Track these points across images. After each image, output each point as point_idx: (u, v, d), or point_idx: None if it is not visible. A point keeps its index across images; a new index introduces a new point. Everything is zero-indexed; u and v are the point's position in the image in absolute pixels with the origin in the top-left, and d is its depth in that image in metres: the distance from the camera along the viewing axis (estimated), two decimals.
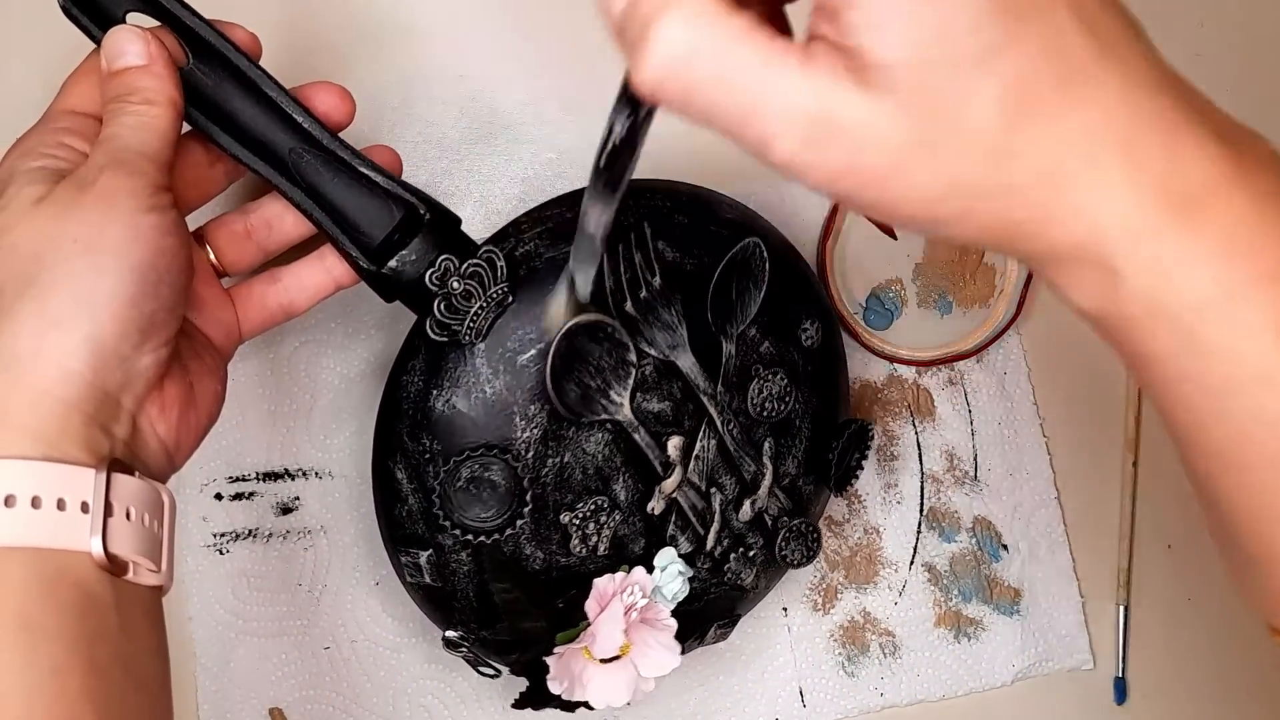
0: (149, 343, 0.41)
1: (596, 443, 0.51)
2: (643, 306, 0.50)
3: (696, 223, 0.52)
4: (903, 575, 0.61)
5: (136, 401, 0.42)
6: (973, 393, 0.62)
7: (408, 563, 0.51)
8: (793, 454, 0.54)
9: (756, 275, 0.52)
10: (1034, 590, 0.62)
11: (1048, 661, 0.61)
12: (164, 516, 0.42)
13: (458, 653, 0.52)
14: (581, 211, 0.41)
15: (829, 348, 0.55)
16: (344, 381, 0.59)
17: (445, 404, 0.49)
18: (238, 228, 0.50)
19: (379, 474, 0.51)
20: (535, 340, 0.49)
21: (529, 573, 0.51)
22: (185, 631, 0.58)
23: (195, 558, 0.58)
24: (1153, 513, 0.63)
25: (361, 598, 0.59)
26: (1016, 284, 0.62)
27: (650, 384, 0.51)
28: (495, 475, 0.49)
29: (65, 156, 0.43)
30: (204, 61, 0.46)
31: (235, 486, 0.59)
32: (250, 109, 0.47)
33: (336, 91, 0.48)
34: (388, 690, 0.59)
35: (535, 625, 0.51)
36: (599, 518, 0.51)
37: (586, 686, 0.51)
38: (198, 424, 0.46)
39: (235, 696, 0.58)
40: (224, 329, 0.49)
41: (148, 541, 0.41)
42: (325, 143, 0.47)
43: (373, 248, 0.48)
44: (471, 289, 0.48)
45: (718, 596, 0.55)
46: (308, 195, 0.47)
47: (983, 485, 0.62)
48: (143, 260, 0.41)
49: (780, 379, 0.53)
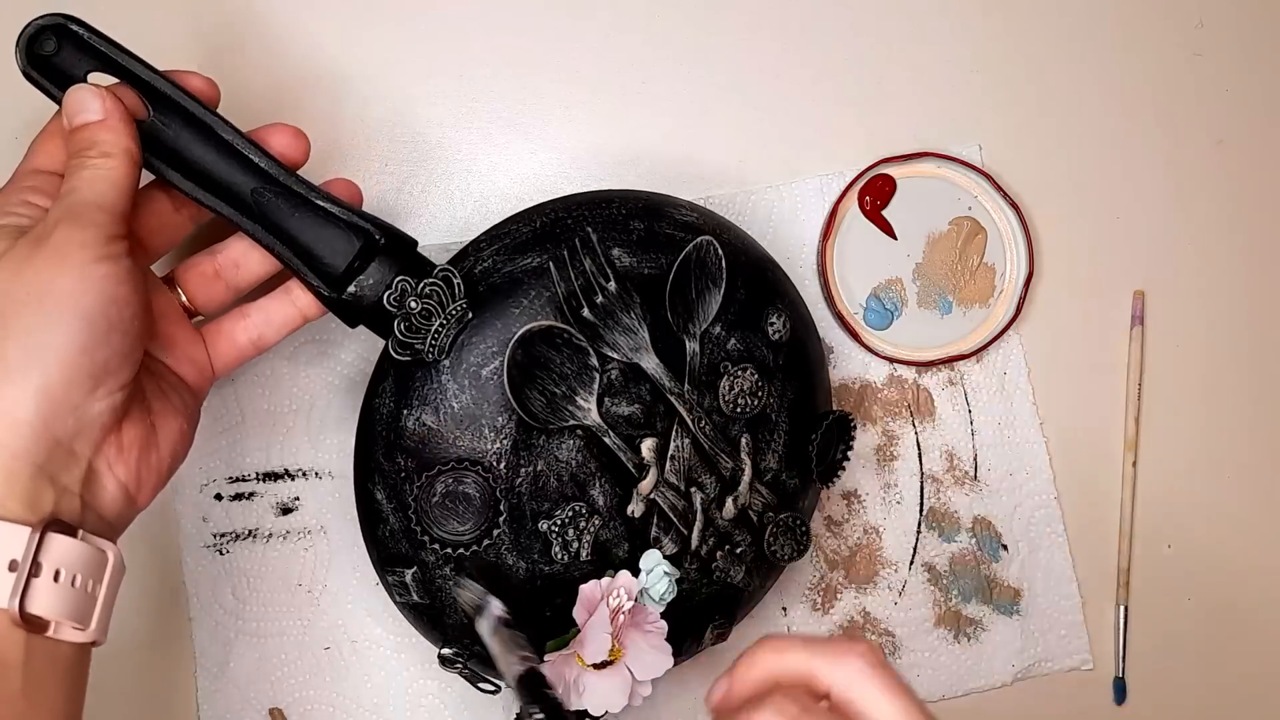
0: (101, 388, 0.43)
1: (569, 449, 0.51)
2: (600, 311, 0.51)
3: (651, 227, 0.53)
4: (902, 575, 0.61)
5: (92, 446, 0.43)
6: (973, 393, 0.62)
7: (395, 582, 0.52)
8: (772, 448, 0.54)
9: (714, 273, 0.53)
10: (1034, 590, 0.62)
11: (1047, 662, 0.61)
12: (104, 576, 0.43)
13: (454, 669, 0.52)
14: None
15: (799, 341, 0.56)
16: (344, 381, 0.59)
17: (416, 422, 0.50)
18: (206, 269, 0.51)
19: (360, 496, 0.52)
20: (497, 353, 0.50)
21: (514, 583, 0.51)
22: (185, 633, 0.58)
23: (195, 558, 0.58)
24: (1153, 513, 0.63)
25: (362, 598, 0.59)
26: (1016, 284, 0.62)
27: (618, 388, 0.51)
28: (469, 488, 0.50)
29: (28, 214, 0.45)
30: (164, 113, 0.48)
31: (235, 487, 0.59)
32: (210, 155, 0.49)
33: (290, 131, 0.50)
34: (388, 691, 0.59)
35: None
36: (578, 523, 0.51)
37: (582, 693, 0.51)
38: (159, 464, 0.47)
39: (235, 697, 0.58)
40: (196, 368, 0.50)
41: (75, 602, 0.42)
42: (283, 180, 0.49)
43: (336, 276, 0.50)
44: (430, 308, 0.50)
45: (710, 596, 0.55)
46: (270, 232, 0.49)
47: (982, 485, 0.62)
48: (93, 309, 0.42)
49: (750, 374, 0.53)
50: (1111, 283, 0.64)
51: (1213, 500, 0.64)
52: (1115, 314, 0.64)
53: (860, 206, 0.62)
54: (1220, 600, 0.63)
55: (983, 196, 0.62)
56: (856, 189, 0.62)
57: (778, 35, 0.63)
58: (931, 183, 0.62)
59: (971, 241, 0.62)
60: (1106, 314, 0.64)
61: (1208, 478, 0.64)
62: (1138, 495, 0.63)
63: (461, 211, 0.61)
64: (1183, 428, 0.64)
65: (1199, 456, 0.64)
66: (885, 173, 0.62)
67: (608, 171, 0.61)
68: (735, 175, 0.62)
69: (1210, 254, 0.65)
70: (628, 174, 0.61)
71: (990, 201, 0.62)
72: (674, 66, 0.62)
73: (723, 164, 0.62)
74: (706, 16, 0.63)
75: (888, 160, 0.62)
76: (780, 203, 0.62)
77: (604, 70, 0.62)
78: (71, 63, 0.47)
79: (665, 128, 0.62)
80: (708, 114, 0.62)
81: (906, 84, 0.63)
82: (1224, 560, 0.63)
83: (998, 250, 0.62)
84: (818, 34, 0.63)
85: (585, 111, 0.62)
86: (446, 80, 0.61)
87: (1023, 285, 0.61)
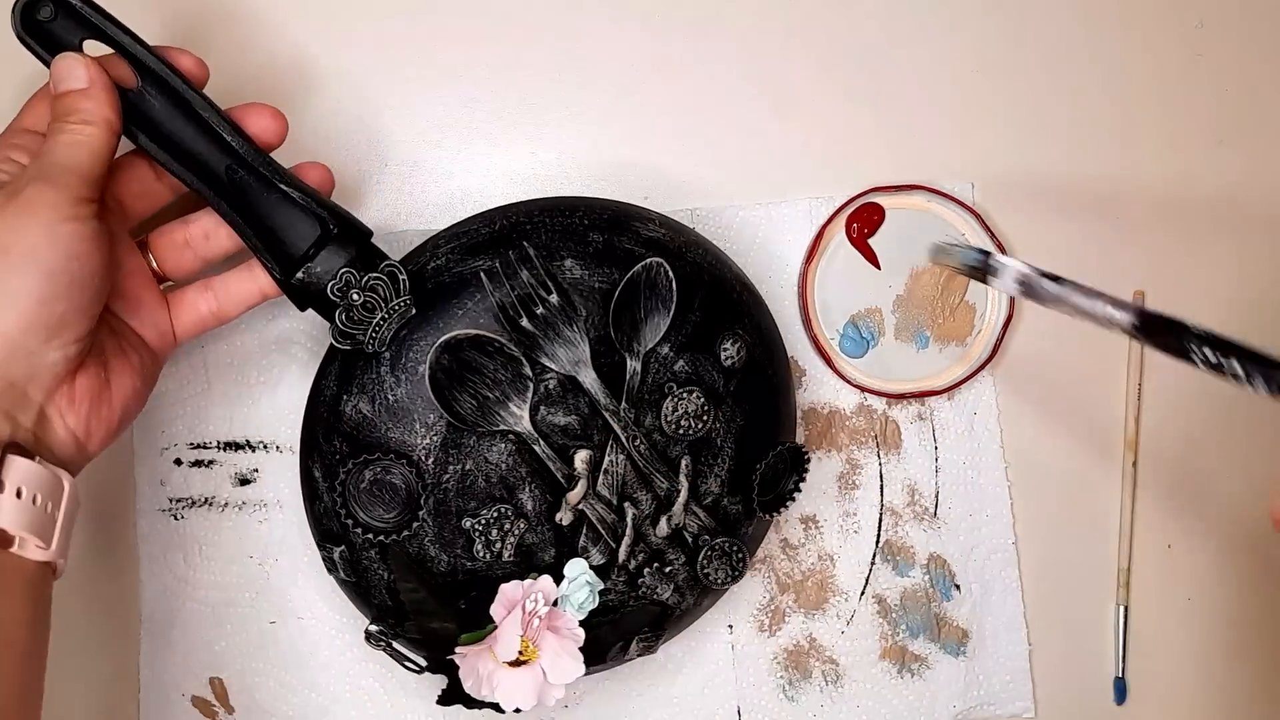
0: (57, 339, 0.45)
1: (499, 453, 0.52)
2: (540, 322, 0.51)
3: (611, 241, 0.53)
4: (852, 604, 0.61)
5: (44, 393, 0.46)
6: (941, 430, 0.62)
7: (326, 557, 0.53)
8: (715, 472, 0.54)
9: (664, 295, 0.53)
10: (982, 633, 0.62)
11: (989, 706, 0.61)
12: (62, 501, 0.45)
13: (379, 646, 0.53)
14: None
15: (757, 365, 0.55)
16: (312, 358, 0.59)
17: (353, 409, 0.51)
18: (177, 237, 0.53)
19: (303, 472, 0.54)
20: None
21: (435, 574, 0.52)
22: (133, 593, 0.58)
23: (149, 521, 0.58)
24: (1153, 513, 0.63)
25: (312, 577, 0.59)
26: (995, 326, 0.62)
27: (555, 398, 0.52)
28: (395, 479, 0.51)
29: (9, 170, 0.47)
30: (151, 85, 0.50)
31: (196, 454, 0.59)
32: (189, 130, 0.50)
33: (270, 112, 0.52)
34: (329, 670, 0.59)
35: (443, 626, 0.53)
36: (502, 525, 0.52)
37: (495, 688, 0.52)
38: (109, 417, 0.49)
39: (177, 662, 0.58)
40: (158, 331, 0.52)
41: (38, 520, 0.44)
42: (251, 160, 0.50)
43: (294, 259, 0.51)
44: (373, 301, 0.51)
45: (635, 610, 0.55)
46: (237, 210, 0.51)
47: (941, 523, 0.62)
48: (55, 264, 0.44)
49: (696, 397, 0.53)
50: (1112, 283, 0.63)
51: (1213, 499, 0.64)
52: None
53: (847, 233, 0.61)
54: (1220, 600, 0.63)
55: (970, 235, 0.62)
56: (845, 215, 0.61)
57: (784, 56, 0.63)
58: (921, 216, 0.62)
59: (955, 279, 0.62)
60: None
61: (1208, 477, 0.64)
62: (1138, 495, 0.63)
63: (462, 210, 0.60)
64: (1183, 427, 0.63)
65: (1199, 455, 0.64)
66: (875, 201, 0.61)
67: (598, 176, 0.61)
68: (725, 190, 0.62)
69: (1210, 254, 0.64)
70: (618, 180, 0.61)
71: (977, 241, 0.61)
72: (673, 77, 0.62)
73: (714, 178, 0.62)
74: (712, 29, 0.62)
75: (879, 189, 0.61)
76: (768, 222, 0.62)
77: (605, 75, 0.62)
78: (66, 30, 0.49)
79: (660, 137, 0.62)
80: (704, 127, 0.62)
81: (905, 114, 0.63)
82: (1224, 560, 0.63)
83: (979, 290, 0.62)
84: (823, 58, 0.63)
85: (584, 115, 0.62)
86: (448, 77, 0.61)
87: (1001, 327, 0.61)
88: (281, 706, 0.59)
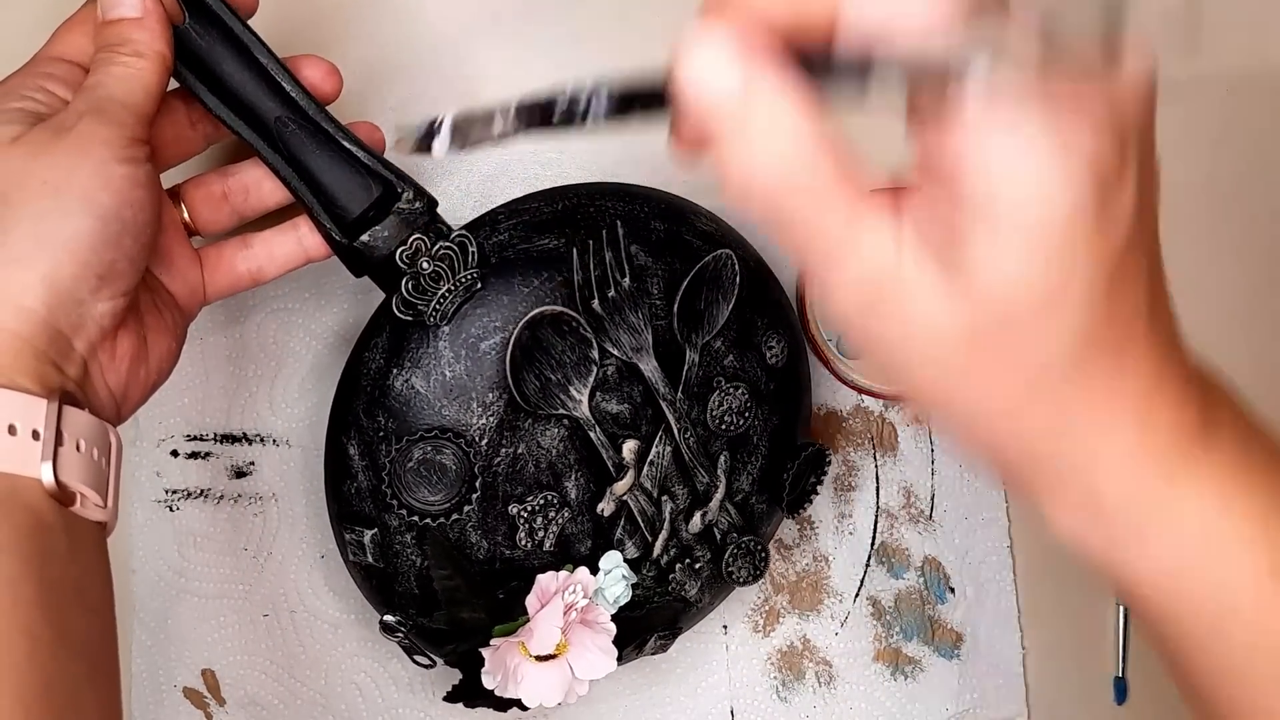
0: (106, 289, 0.42)
1: (552, 437, 0.51)
2: (610, 306, 0.50)
3: (672, 231, 0.52)
4: (846, 606, 0.61)
5: (89, 346, 0.42)
6: (938, 432, 0.62)
7: (352, 540, 0.52)
8: (748, 470, 0.54)
9: (726, 288, 0.53)
10: (976, 636, 0.62)
11: (981, 709, 0.61)
12: (111, 455, 0.43)
13: (394, 638, 0.52)
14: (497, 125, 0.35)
15: (793, 369, 0.55)
16: (311, 352, 0.59)
17: (404, 384, 0.49)
18: (215, 189, 0.50)
19: (331, 448, 0.52)
20: (499, 328, 0.49)
21: (472, 561, 0.51)
22: (127, 583, 0.58)
23: (144, 511, 0.58)
24: None
25: (305, 570, 0.59)
26: None
27: (611, 384, 0.51)
28: (447, 459, 0.49)
29: (45, 101, 0.43)
30: (199, 21, 0.46)
31: (192, 445, 0.59)
32: (240, 73, 0.47)
33: (325, 66, 0.49)
34: (321, 665, 0.59)
35: (473, 616, 0.51)
36: (548, 513, 0.51)
37: (520, 683, 0.51)
38: (147, 379, 0.46)
39: (170, 653, 0.58)
40: (189, 288, 0.49)
41: (96, 475, 0.41)
42: (311, 113, 0.48)
43: (348, 221, 0.48)
44: (441, 271, 0.48)
45: (660, 606, 0.55)
46: (288, 164, 0.48)
47: (936, 525, 0.62)
48: (109, 209, 0.41)
49: (742, 393, 0.53)
50: None
51: None
52: None
53: None
54: None
55: None
56: None
57: None
58: None
59: None
60: None
61: None
62: None
63: (479, 188, 0.59)
64: None
65: None
66: None
67: (630, 167, 0.60)
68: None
69: (1211, 253, 0.64)
70: (653, 172, 0.61)
71: None
72: None
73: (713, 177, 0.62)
74: None
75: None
76: None
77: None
78: None
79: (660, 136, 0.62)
80: None
81: None
82: None
83: None
84: None
85: None
86: (507, 53, 0.60)
87: None
88: (273, 699, 0.59)
